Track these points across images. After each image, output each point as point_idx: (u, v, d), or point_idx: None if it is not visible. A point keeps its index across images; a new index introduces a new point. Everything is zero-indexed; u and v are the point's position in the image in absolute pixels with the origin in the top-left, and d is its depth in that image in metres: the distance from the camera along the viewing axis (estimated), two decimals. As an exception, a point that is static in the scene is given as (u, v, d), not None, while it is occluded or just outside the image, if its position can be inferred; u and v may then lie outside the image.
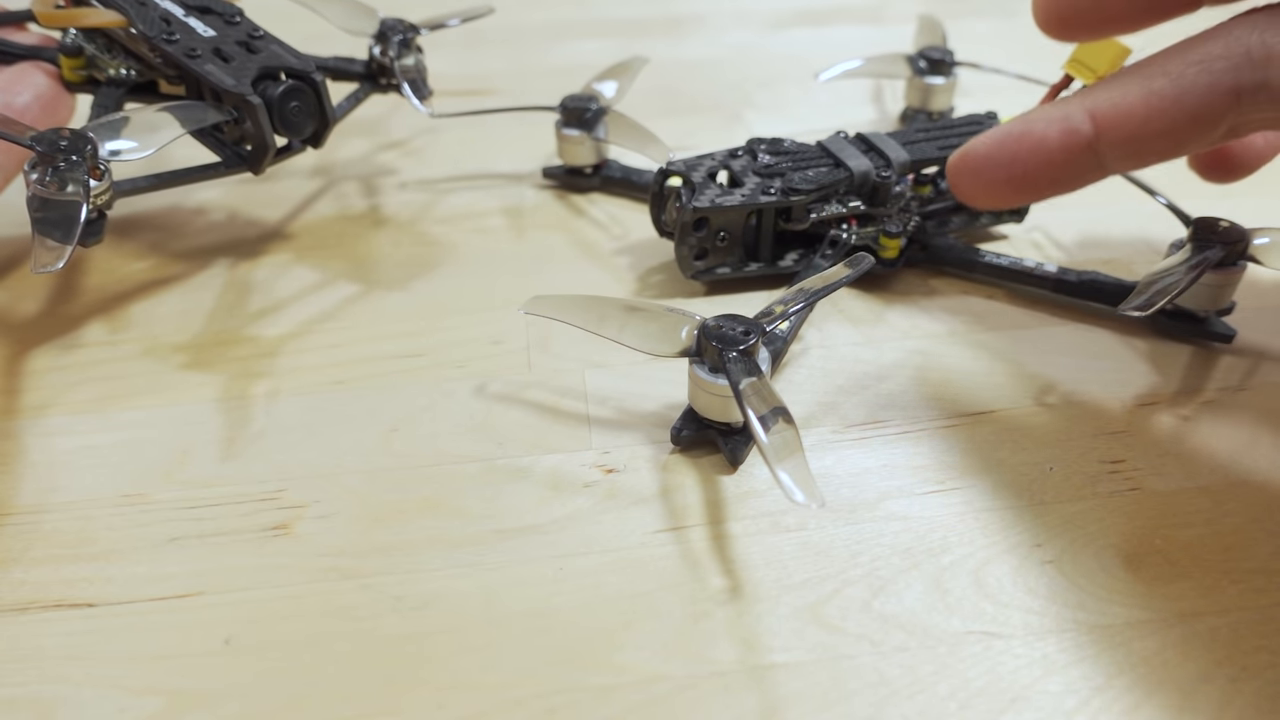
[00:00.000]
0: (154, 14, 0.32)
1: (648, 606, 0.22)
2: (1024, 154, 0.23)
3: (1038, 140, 0.23)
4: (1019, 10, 0.58)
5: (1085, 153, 0.22)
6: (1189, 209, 0.30)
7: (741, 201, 0.31)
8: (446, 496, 0.25)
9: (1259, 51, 0.21)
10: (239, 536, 0.24)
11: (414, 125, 0.45)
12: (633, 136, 0.37)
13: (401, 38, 0.37)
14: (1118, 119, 0.22)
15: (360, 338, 0.31)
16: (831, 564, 0.23)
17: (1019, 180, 0.23)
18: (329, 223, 0.38)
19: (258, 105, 0.30)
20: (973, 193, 0.24)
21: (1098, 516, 0.24)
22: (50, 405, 0.28)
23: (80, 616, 0.22)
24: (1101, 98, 0.22)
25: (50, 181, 0.27)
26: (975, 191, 0.24)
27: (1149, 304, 0.27)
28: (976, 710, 0.20)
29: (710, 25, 0.57)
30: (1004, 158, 0.23)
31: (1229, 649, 0.21)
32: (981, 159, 0.23)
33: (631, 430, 0.27)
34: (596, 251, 0.36)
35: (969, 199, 0.24)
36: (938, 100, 0.43)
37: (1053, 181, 0.23)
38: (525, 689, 0.21)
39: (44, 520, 0.25)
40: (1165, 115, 0.22)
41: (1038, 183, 0.23)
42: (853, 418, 0.28)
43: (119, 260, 0.35)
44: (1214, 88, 0.21)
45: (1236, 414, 0.28)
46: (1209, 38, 0.22)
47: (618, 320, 0.26)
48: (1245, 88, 0.21)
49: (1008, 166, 0.23)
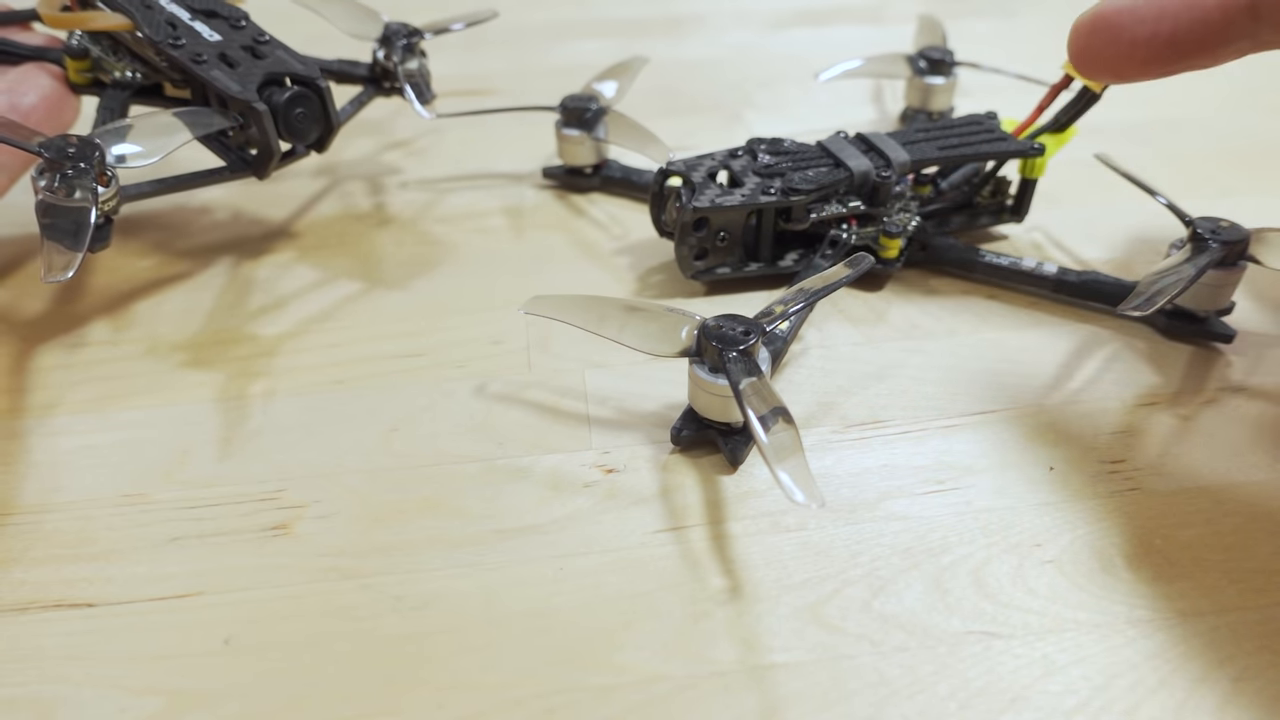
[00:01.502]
0: (160, 18, 0.32)
1: (648, 606, 0.22)
2: (1175, 8, 0.21)
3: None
4: (1019, 10, 0.58)
5: (1244, 14, 0.20)
6: (1189, 209, 0.30)
7: (741, 201, 0.31)
8: (446, 496, 0.25)
9: None
10: (239, 536, 0.24)
11: (416, 125, 0.45)
12: (633, 136, 0.37)
13: (405, 42, 0.38)
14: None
15: (360, 337, 0.31)
16: (831, 564, 0.23)
17: (1164, 41, 0.21)
18: (331, 222, 0.38)
19: (263, 112, 0.30)
20: (1100, 57, 0.22)
21: (1098, 516, 0.24)
22: (54, 405, 0.28)
23: (80, 616, 0.22)
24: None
25: (58, 188, 0.27)
26: (1104, 55, 0.22)
27: (1149, 304, 0.27)
28: (976, 710, 0.20)
29: (710, 25, 0.57)
30: (1151, 11, 0.21)
31: (1229, 649, 0.21)
32: (1123, 13, 0.21)
33: (631, 430, 0.27)
34: (596, 251, 0.36)
35: (1092, 67, 0.22)
36: (938, 100, 0.43)
37: (1201, 45, 0.21)
38: (525, 689, 0.21)
39: (45, 520, 0.25)
40: None
41: (1184, 45, 0.21)
42: (853, 418, 0.28)
43: (123, 259, 0.35)
44: None
45: (1236, 414, 0.28)
46: None
47: (618, 320, 0.26)
48: None
49: (1154, 23, 0.21)
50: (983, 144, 0.33)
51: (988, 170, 0.34)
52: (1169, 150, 0.42)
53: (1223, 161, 0.41)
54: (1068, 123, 0.33)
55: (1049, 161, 0.34)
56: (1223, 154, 0.42)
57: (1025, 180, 0.34)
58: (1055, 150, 0.34)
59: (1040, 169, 0.34)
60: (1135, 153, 0.41)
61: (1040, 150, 0.33)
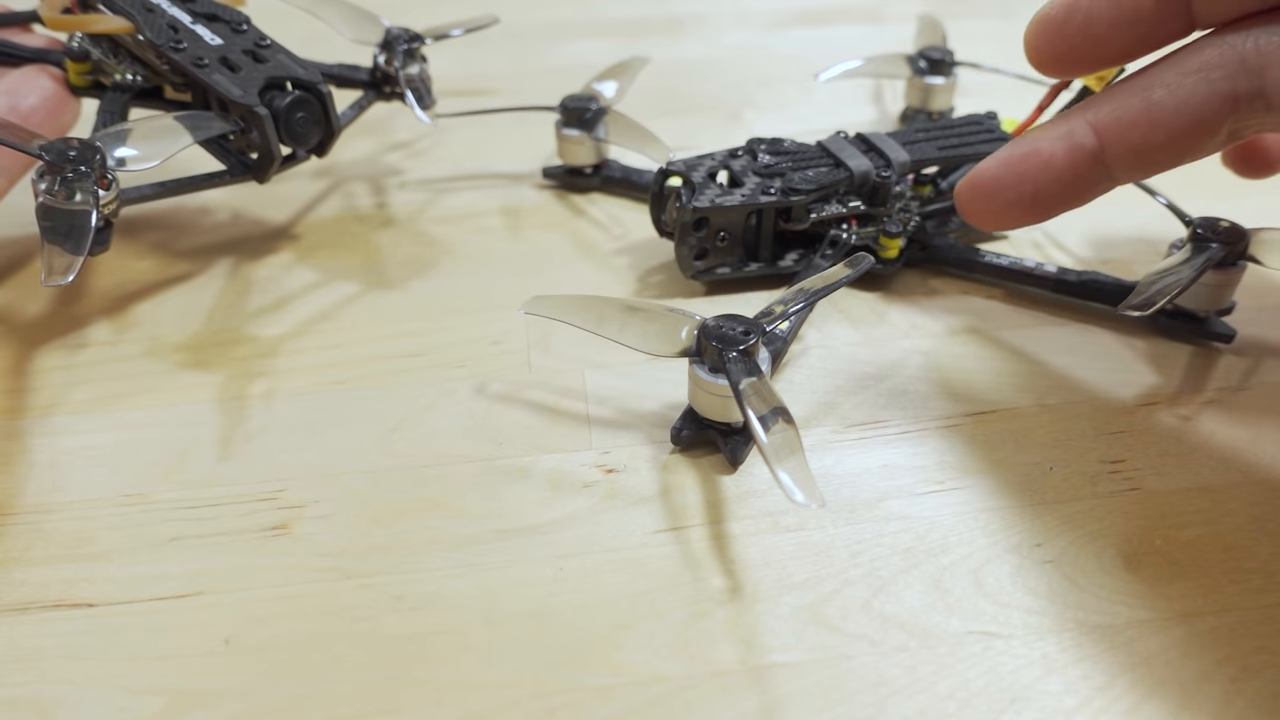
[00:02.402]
0: (161, 21, 0.32)
1: (648, 606, 0.22)
2: (1033, 172, 0.23)
3: (1045, 158, 0.23)
4: (1019, 10, 0.58)
5: (1092, 166, 0.22)
6: (1189, 209, 0.30)
7: (741, 201, 0.31)
8: (446, 496, 0.25)
9: (1254, 59, 0.21)
10: (239, 536, 0.24)
11: (416, 126, 0.45)
12: (633, 136, 0.37)
13: (406, 47, 0.38)
14: (1120, 131, 0.22)
15: (360, 338, 0.31)
16: (831, 564, 0.23)
17: (1030, 200, 0.23)
18: (332, 223, 0.38)
19: (265, 116, 0.30)
20: (985, 217, 0.24)
21: (1098, 516, 0.24)
22: (54, 405, 0.28)
23: (80, 616, 0.22)
24: (1103, 111, 0.22)
25: (59, 191, 0.27)
26: (988, 215, 0.24)
27: (1149, 304, 0.27)
28: (976, 710, 0.20)
29: (710, 25, 0.57)
30: (1012, 179, 0.23)
31: (1229, 649, 0.21)
32: (991, 182, 0.23)
33: (631, 430, 0.27)
34: (596, 251, 0.36)
35: (982, 224, 0.24)
36: (938, 100, 0.43)
37: (1063, 196, 0.23)
38: (525, 689, 0.21)
39: (45, 520, 0.25)
40: (1166, 126, 0.22)
41: (1049, 200, 0.23)
42: (853, 418, 0.28)
43: (123, 259, 0.35)
44: (1211, 96, 0.21)
45: (1236, 414, 0.28)
46: (1204, 45, 0.22)
47: (618, 320, 0.26)
48: (1242, 95, 0.21)
49: (1017, 187, 0.23)
50: (983, 144, 0.33)
51: (988, 170, 0.34)
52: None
53: (1223, 161, 0.41)
54: None
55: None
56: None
57: (1025, 180, 0.34)
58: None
59: (1040, 169, 0.34)
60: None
61: (1040, 150, 0.33)
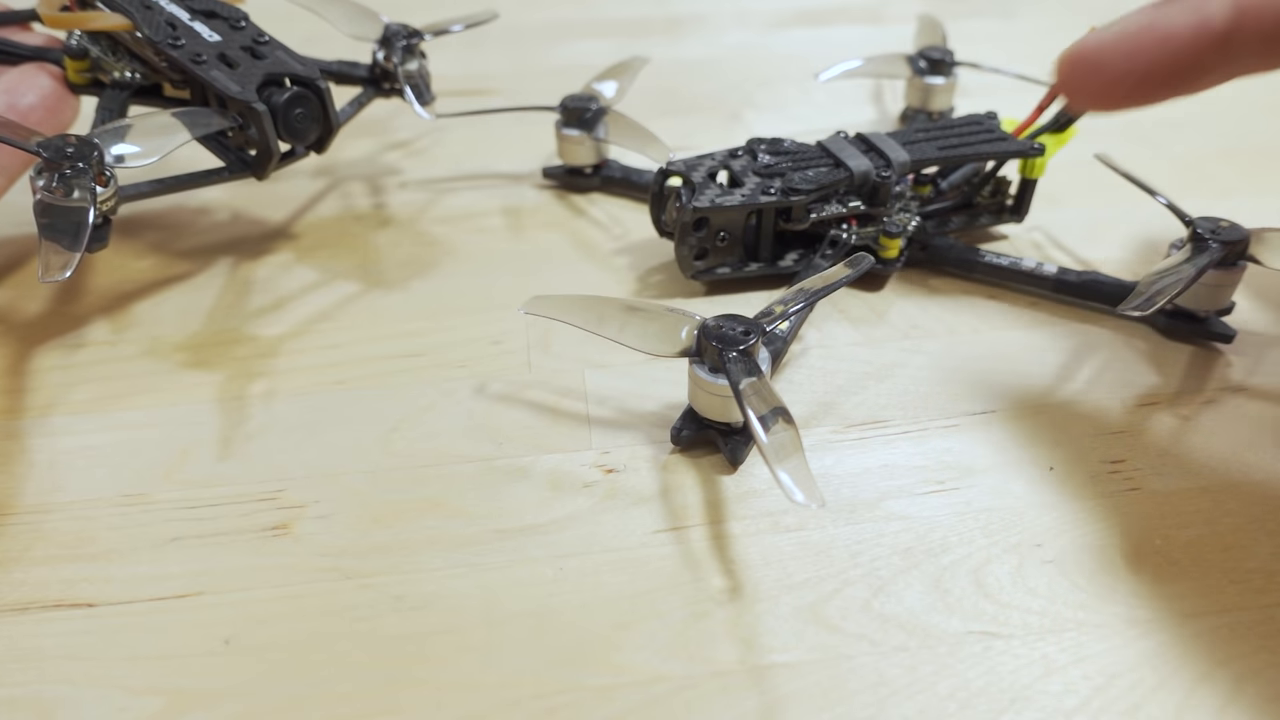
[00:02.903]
0: (159, 18, 0.32)
1: (648, 606, 0.22)
2: (1148, 48, 0.21)
3: (1165, 34, 0.21)
4: (1019, 10, 0.58)
5: (1215, 48, 0.21)
6: (1189, 209, 0.30)
7: (741, 201, 0.31)
8: (446, 496, 0.25)
9: None
10: (239, 536, 0.24)
11: (416, 126, 0.45)
12: (633, 136, 0.37)
13: (405, 43, 0.38)
14: (1263, 6, 0.20)
15: (360, 338, 0.31)
16: (831, 564, 0.23)
17: (1139, 77, 0.21)
18: (331, 222, 0.38)
19: (263, 113, 0.30)
20: (1085, 92, 0.22)
21: (1098, 516, 0.24)
22: (54, 405, 0.28)
23: (80, 616, 0.22)
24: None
25: (57, 188, 0.27)
26: (1088, 91, 0.22)
27: (1149, 304, 0.27)
28: (976, 710, 0.20)
29: (710, 25, 0.57)
30: (1123, 53, 0.21)
31: (1229, 649, 0.21)
32: (1099, 53, 0.22)
33: (631, 430, 0.27)
34: (596, 251, 0.36)
35: (1080, 99, 0.23)
36: (938, 100, 0.43)
37: (1178, 79, 0.22)
38: (525, 689, 0.21)
39: (45, 520, 0.25)
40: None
41: (1158, 80, 0.22)
42: (853, 418, 0.28)
43: (122, 259, 0.35)
44: None
45: (1236, 414, 0.28)
46: None
47: (618, 320, 0.26)
48: None
49: (1129, 59, 0.21)
50: (983, 144, 0.33)
51: (988, 170, 0.34)
52: (1169, 150, 0.42)
53: (1223, 161, 0.41)
54: (1068, 123, 0.33)
55: (1049, 161, 0.34)
56: (1223, 154, 0.42)
57: (1025, 180, 0.34)
58: (1055, 150, 0.34)
59: (1040, 169, 0.34)
60: (1135, 153, 0.41)
61: (1040, 150, 0.33)
